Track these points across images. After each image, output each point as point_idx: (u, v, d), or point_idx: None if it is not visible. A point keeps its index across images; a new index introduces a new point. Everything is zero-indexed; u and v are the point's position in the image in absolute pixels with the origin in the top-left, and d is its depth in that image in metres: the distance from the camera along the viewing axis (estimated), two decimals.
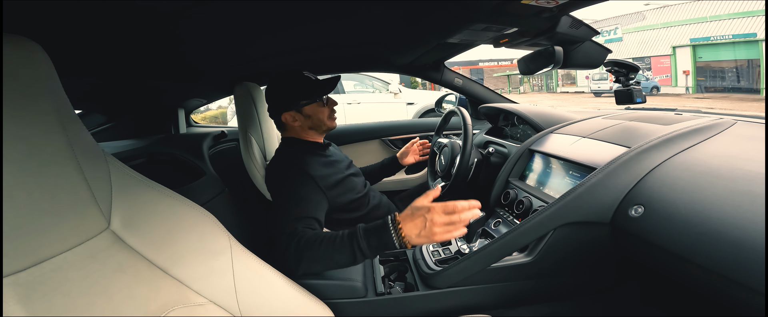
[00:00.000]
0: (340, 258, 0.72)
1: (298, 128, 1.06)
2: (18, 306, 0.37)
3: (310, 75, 1.03)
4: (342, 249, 0.71)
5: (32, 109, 0.42)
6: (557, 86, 20.29)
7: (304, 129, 1.06)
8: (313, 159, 1.00)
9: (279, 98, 1.04)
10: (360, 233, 0.71)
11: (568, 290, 0.87)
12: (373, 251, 0.70)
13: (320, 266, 0.74)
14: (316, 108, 1.04)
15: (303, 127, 1.06)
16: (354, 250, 0.70)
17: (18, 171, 0.39)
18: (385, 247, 0.69)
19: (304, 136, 1.07)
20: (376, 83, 5.09)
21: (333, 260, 0.72)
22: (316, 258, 0.73)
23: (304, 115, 1.04)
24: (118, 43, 0.83)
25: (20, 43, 0.42)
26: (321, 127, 1.07)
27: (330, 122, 1.08)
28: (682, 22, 13.05)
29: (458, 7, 0.82)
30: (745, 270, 0.51)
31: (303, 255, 0.73)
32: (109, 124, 1.78)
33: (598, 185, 0.76)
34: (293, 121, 1.04)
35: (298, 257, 0.73)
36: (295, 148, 1.04)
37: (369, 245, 0.70)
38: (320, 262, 0.73)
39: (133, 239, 0.50)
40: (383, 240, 0.69)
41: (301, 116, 1.04)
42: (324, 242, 0.73)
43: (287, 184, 0.92)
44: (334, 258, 0.72)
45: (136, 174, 0.54)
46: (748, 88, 11.53)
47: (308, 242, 0.74)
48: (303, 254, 0.73)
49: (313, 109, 1.03)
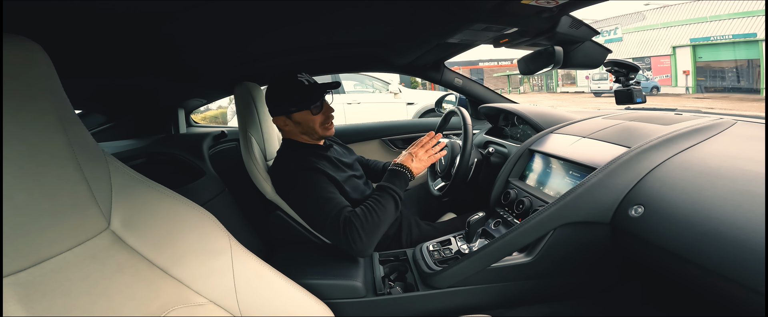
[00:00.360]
0: (390, 209, 0.90)
1: (291, 132, 1.05)
2: (18, 306, 0.37)
3: (306, 78, 1.00)
4: (387, 203, 0.90)
5: (32, 109, 0.42)
6: (557, 86, 20.28)
7: (297, 134, 1.05)
8: (317, 159, 1.01)
9: (272, 101, 1.02)
10: (387, 184, 0.93)
11: (568, 290, 0.87)
12: (402, 189, 0.94)
13: (382, 229, 0.88)
14: (306, 116, 1.00)
15: (295, 132, 1.05)
16: (394, 197, 0.91)
17: (18, 171, 0.39)
18: (405, 183, 0.96)
19: (301, 139, 1.06)
20: (376, 83, 5.09)
21: (387, 214, 0.89)
22: (377, 224, 0.87)
23: (294, 121, 1.02)
24: (118, 43, 0.83)
25: (20, 43, 0.42)
26: (312, 134, 1.04)
27: (322, 130, 1.04)
28: (682, 22, 13.05)
29: (458, 7, 0.82)
30: (745, 270, 0.51)
31: (368, 228, 0.85)
32: (109, 124, 1.77)
33: (598, 185, 0.76)
34: (284, 125, 1.03)
35: (365, 232, 0.84)
36: (298, 152, 1.03)
37: (398, 185, 0.93)
38: (381, 225, 0.88)
39: (133, 239, 0.50)
40: (402, 178, 0.95)
41: (291, 122, 1.02)
42: (373, 208, 0.88)
43: (304, 185, 0.93)
44: (387, 213, 0.89)
45: (136, 174, 0.54)
46: (748, 88, 11.52)
47: (364, 216, 0.86)
48: (368, 226, 0.85)
49: (303, 116, 1.00)
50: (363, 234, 0.84)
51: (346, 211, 0.88)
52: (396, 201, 0.91)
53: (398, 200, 0.92)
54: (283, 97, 1.00)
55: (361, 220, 0.85)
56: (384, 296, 0.85)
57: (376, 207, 0.88)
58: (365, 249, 0.85)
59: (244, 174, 1.16)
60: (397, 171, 0.95)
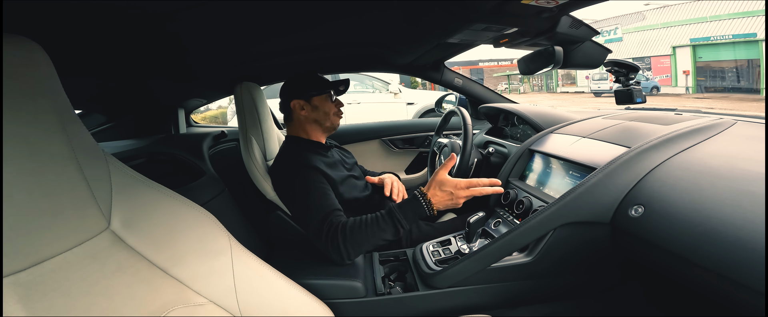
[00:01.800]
0: (385, 235, 0.84)
1: (303, 119, 1.10)
2: (18, 306, 0.37)
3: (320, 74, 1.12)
4: (386, 227, 0.84)
5: (32, 109, 0.42)
6: (557, 86, 20.28)
7: (309, 121, 1.10)
8: (316, 156, 1.03)
9: (292, 88, 1.10)
10: (396, 209, 0.84)
11: (568, 290, 0.87)
12: (410, 222, 0.84)
13: (367, 247, 0.84)
14: (324, 100, 1.09)
15: (308, 119, 1.10)
16: (396, 225, 0.84)
17: (18, 171, 0.39)
18: (419, 217, 0.84)
19: (307, 130, 1.11)
20: (376, 83, 5.09)
21: (379, 238, 0.84)
22: (363, 241, 0.83)
23: (312, 105, 1.09)
24: (118, 43, 0.83)
25: (20, 43, 0.42)
26: (325, 121, 1.11)
27: (334, 119, 1.12)
28: (682, 22, 13.06)
29: (458, 7, 0.82)
30: (745, 270, 0.51)
31: (351, 241, 0.82)
32: (109, 124, 1.77)
33: (598, 185, 0.76)
34: (300, 109, 1.09)
35: (347, 244, 0.82)
36: (301, 148, 1.07)
37: (406, 217, 0.84)
38: (367, 243, 0.84)
39: (133, 239, 0.50)
40: (418, 211, 0.84)
41: (309, 106, 1.09)
42: (367, 225, 0.84)
43: (300, 182, 0.95)
44: (379, 235, 0.84)
45: (136, 174, 0.54)
46: (748, 88, 11.52)
47: (352, 228, 0.83)
48: (351, 240, 0.82)
49: (321, 100, 1.09)
50: (343, 247, 0.82)
51: (336, 216, 0.87)
52: (397, 231, 0.84)
53: (400, 231, 0.84)
54: (306, 84, 1.09)
55: (346, 233, 0.83)
56: (384, 296, 0.85)
57: (371, 228, 0.83)
58: (342, 259, 0.84)
59: (244, 174, 1.16)
60: (415, 204, 0.84)
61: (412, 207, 0.84)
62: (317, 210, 0.88)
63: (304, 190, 0.93)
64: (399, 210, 0.84)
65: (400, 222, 0.84)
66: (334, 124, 1.13)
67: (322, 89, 1.10)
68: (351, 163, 1.21)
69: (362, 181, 1.19)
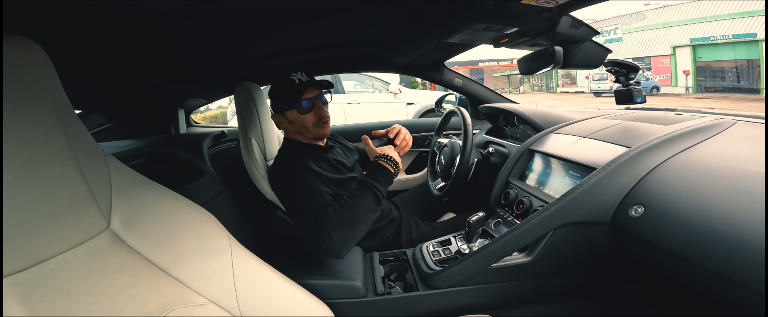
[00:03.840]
0: (369, 203, 0.84)
1: (288, 131, 1.06)
2: (18, 306, 0.37)
3: (298, 77, 0.97)
4: (364, 196, 0.84)
5: (32, 109, 0.42)
6: (557, 86, 20.28)
7: (293, 132, 1.05)
8: (314, 160, 1.00)
9: (271, 100, 1.04)
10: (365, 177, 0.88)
11: (568, 290, 0.87)
12: (384, 186, 0.88)
13: (357, 225, 0.81)
14: (296, 114, 0.99)
15: (291, 131, 1.05)
16: (374, 191, 0.85)
17: (18, 171, 0.39)
18: (388, 179, 0.90)
19: (298, 138, 1.06)
20: (376, 83, 5.09)
21: (363, 209, 0.83)
22: (351, 219, 0.81)
23: (287, 119, 1.02)
24: (118, 44, 0.83)
25: (20, 43, 0.42)
26: (306, 133, 1.03)
27: (316, 130, 1.02)
28: (682, 22, 13.05)
29: (458, 7, 0.82)
30: (745, 270, 0.51)
31: (338, 223, 0.79)
32: (109, 124, 1.77)
33: (598, 185, 0.76)
34: (280, 123, 1.05)
35: (334, 228, 0.78)
36: (299, 152, 1.03)
37: (379, 182, 0.87)
38: (355, 221, 0.81)
39: (133, 239, 0.50)
40: (386, 174, 0.90)
41: (285, 121, 1.02)
42: (346, 202, 0.83)
43: (294, 183, 0.92)
44: (362, 206, 0.83)
45: (136, 174, 0.54)
46: (748, 88, 11.52)
47: (335, 211, 0.81)
48: (337, 222, 0.79)
49: (293, 115, 1.00)
50: (333, 232, 0.77)
51: (323, 210, 0.83)
52: (377, 196, 0.85)
53: (379, 195, 0.85)
54: (278, 95, 1.00)
55: (330, 217, 0.79)
56: (384, 296, 0.85)
57: (351, 203, 0.82)
58: (337, 248, 0.78)
59: (244, 174, 1.16)
60: (379, 166, 0.91)
61: (379, 171, 0.90)
62: (307, 206, 0.85)
63: (298, 190, 0.90)
64: (368, 176, 0.89)
65: (376, 187, 0.86)
66: (317, 134, 1.03)
67: (291, 102, 0.98)
68: (352, 163, 1.18)
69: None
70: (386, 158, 0.92)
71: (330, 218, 0.79)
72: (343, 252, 0.80)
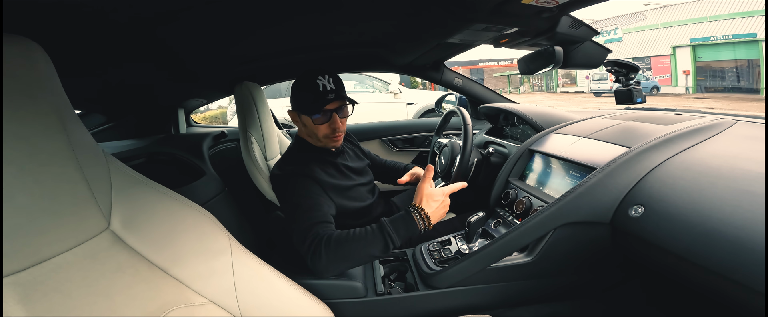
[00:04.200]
0: (373, 250, 0.77)
1: (300, 131, 1.05)
2: (18, 306, 0.37)
3: (324, 82, 0.93)
4: (375, 241, 0.77)
5: (32, 109, 0.42)
6: (557, 86, 20.28)
7: (304, 134, 1.04)
8: (321, 166, 0.98)
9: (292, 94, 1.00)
10: (388, 224, 0.78)
11: (568, 290, 0.87)
12: (401, 238, 0.78)
13: (353, 261, 0.78)
14: (308, 121, 0.97)
15: (303, 132, 1.04)
16: (386, 240, 0.77)
17: (18, 171, 0.39)
18: (411, 233, 0.79)
19: (310, 140, 1.04)
20: (376, 83, 5.09)
21: (367, 253, 0.77)
22: (349, 255, 0.77)
23: (302, 122, 1.01)
24: (118, 43, 0.83)
25: (20, 43, 0.42)
26: (315, 140, 1.01)
27: (326, 141, 0.99)
28: (682, 22, 13.06)
29: (458, 7, 0.82)
30: (745, 270, 0.51)
31: (336, 254, 0.76)
32: (109, 124, 1.77)
33: (598, 185, 0.76)
34: (295, 121, 1.04)
35: (331, 257, 0.76)
36: (305, 154, 1.01)
37: (398, 233, 0.78)
38: (353, 257, 0.77)
39: (133, 239, 0.50)
40: (410, 228, 0.78)
41: (300, 121, 1.01)
42: (355, 238, 0.77)
43: (295, 190, 0.90)
44: (367, 251, 0.77)
45: (136, 174, 0.54)
46: (748, 88, 11.52)
47: (338, 241, 0.77)
48: (336, 253, 0.76)
49: (307, 120, 0.97)
50: (325, 257, 0.75)
51: (323, 228, 0.81)
52: (387, 246, 0.78)
53: (390, 246, 0.78)
54: (298, 95, 0.97)
55: (331, 245, 0.76)
56: (384, 296, 0.85)
57: (359, 241, 0.77)
58: (321, 271, 0.77)
59: (244, 174, 1.16)
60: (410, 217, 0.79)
61: (405, 222, 0.78)
62: (303, 220, 0.83)
63: (296, 196, 0.88)
64: (391, 224, 0.78)
65: (391, 238, 0.77)
66: (327, 144, 1.01)
67: (306, 109, 0.95)
68: (362, 168, 1.15)
69: (369, 186, 1.15)
70: (421, 212, 0.79)
71: (330, 246, 0.76)
72: (325, 276, 0.79)
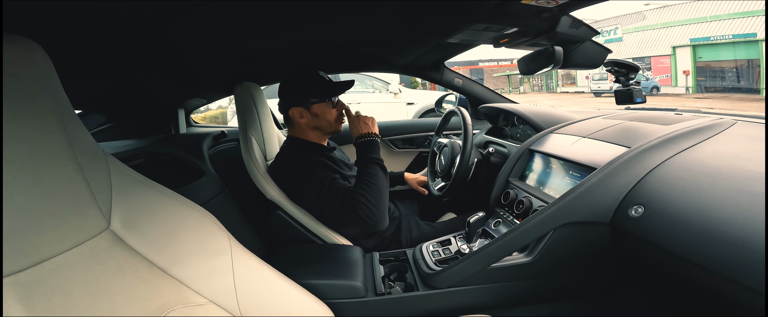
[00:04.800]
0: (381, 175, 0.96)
1: (303, 126, 1.08)
2: (18, 306, 0.37)
3: (325, 76, 1.06)
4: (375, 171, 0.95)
5: (32, 109, 0.42)
6: (557, 86, 20.28)
7: (310, 127, 1.08)
8: (321, 158, 1.04)
9: (290, 93, 1.06)
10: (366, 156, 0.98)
11: (568, 290, 0.87)
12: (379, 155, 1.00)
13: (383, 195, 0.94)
14: (324, 108, 1.06)
15: (309, 125, 1.08)
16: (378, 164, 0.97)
17: (18, 171, 0.39)
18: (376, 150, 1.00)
19: (308, 135, 1.10)
20: (376, 83, 5.09)
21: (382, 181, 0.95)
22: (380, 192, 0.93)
23: (311, 113, 1.06)
24: (118, 43, 0.83)
25: (20, 43, 0.42)
26: (327, 128, 1.09)
27: (337, 125, 1.10)
28: (682, 22, 13.05)
29: (458, 7, 0.82)
30: (745, 270, 0.51)
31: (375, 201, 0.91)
32: (109, 124, 1.77)
33: (598, 185, 0.76)
34: (300, 117, 1.06)
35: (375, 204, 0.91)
36: (302, 150, 1.06)
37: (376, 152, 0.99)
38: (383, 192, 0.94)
39: (133, 239, 0.50)
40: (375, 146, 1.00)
41: (308, 114, 1.06)
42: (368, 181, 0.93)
43: (309, 177, 0.98)
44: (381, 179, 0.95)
45: (136, 174, 0.54)
46: (748, 88, 11.52)
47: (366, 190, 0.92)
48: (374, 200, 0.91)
49: (321, 108, 1.05)
50: (372, 206, 0.89)
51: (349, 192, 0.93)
52: (382, 167, 0.96)
53: (383, 165, 0.97)
54: (304, 88, 1.04)
55: (362, 194, 0.90)
56: (384, 296, 0.85)
57: (370, 179, 0.93)
58: (380, 219, 0.91)
59: (244, 174, 1.16)
60: (368, 142, 1.00)
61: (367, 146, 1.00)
62: (334, 195, 0.93)
63: (315, 184, 0.96)
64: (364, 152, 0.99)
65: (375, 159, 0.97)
66: (336, 129, 1.11)
67: (323, 95, 1.05)
68: (352, 164, 1.21)
69: None
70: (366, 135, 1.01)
71: (363, 195, 0.90)
72: (385, 222, 0.93)
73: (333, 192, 0.94)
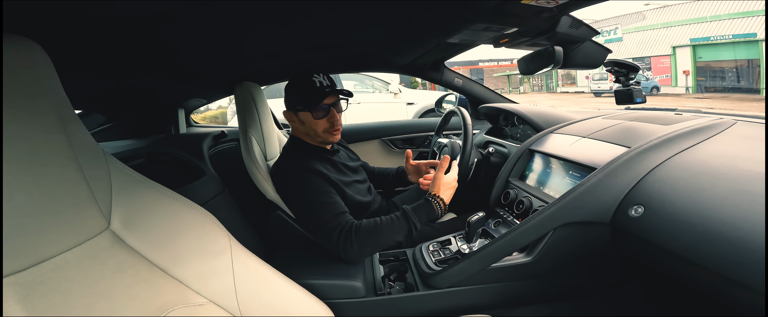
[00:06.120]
0: (399, 236, 0.88)
1: (296, 130, 1.06)
2: (18, 306, 0.37)
3: (319, 79, 0.97)
4: (400, 228, 0.88)
5: (32, 109, 0.42)
6: (557, 86, 20.28)
7: (301, 133, 1.05)
8: (320, 162, 1.01)
9: (286, 95, 1.04)
10: (410, 212, 0.89)
11: (568, 290, 0.87)
12: (422, 224, 0.90)
13: (380, 247, 0.88)
14: (309, 117, 0.99)
15: (300, 131, 1.05)
16: (410, 226, 0.88)
17: (18, 171, 0.39)
18: (430, 219, 0.91)
19: (306, 139, 1.06)
20: (376, 83, 5.09)
21: (392, 239, 0.87)
22: (378, 242, 0.86)
23: (299, 119, 1.02)
24: (118, 43, 0.83)
25: (20, 43, 0.42)
26: (315, 137, 1.03)
27: (326, 135, 1.02)
28: (682, 22, 13.05)
29: (458, 7, 0.82)
30: (745, 270, 0.51)
31: (366, 242, 0.85)
32: (109, 124, 1.77)
33: (598, 185, 0.76)
34: (291, 121, 1.05)
35: (362, 245, 0.85)
36: (302, 152, 1.03)
37: (420, 219, 0.89)
38: (381, 243, 0.87)
39: (133, 239, 0.50)
40: (430, 214, 0.91)
41: (297, 120, 1.03)
42: (382, 226, 0.87)
43: (303, 187, 0.93)
44: (392, 237, 0.87)
45: (136, 174, 0.54)
46: (748, 88, 11.52)
47: (367, 230, 0.86)
48: (366, 241, 0.85)
49: (307, 117, 0.99)
50: (356, 246, 0.84)
51: (345, 218, 0.89)
52: (410, 232, 0.88)
53: (413, 232, 0.89)
54: (295, 93, 1.00)
55: (361, 234, 0.85)
56: (384, 296, 0.85)
57: (386, 228, 0.86)
58: (355, 259, 0.87)
59: (244, 174, 1.16)
60: (430, 204, 0.91)
61: (425, 209, 0.90)
62: (325, 213, 0.89)
63: (308, 193, 0.92)
64: (413, 212, 0.89)
65: (414, 224, 0.88)
66: (326, 140, 1.03)
67: (308, 105, 0.97)
68: (356, 166, 1.18)
69: (366, 185, 1.18)
70: (439, 200, 0.92)
71: (360, 235, 0.85)
72: (357, 262, 0.90)
73: (324, 210, 0.89)
